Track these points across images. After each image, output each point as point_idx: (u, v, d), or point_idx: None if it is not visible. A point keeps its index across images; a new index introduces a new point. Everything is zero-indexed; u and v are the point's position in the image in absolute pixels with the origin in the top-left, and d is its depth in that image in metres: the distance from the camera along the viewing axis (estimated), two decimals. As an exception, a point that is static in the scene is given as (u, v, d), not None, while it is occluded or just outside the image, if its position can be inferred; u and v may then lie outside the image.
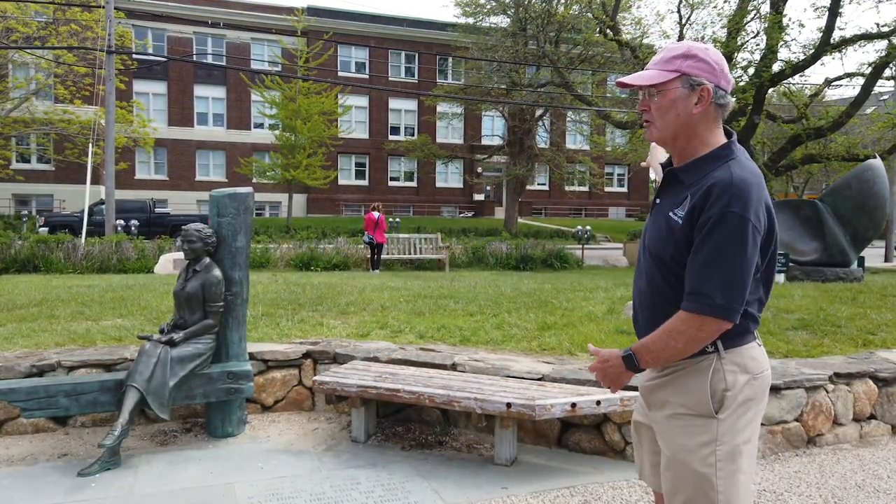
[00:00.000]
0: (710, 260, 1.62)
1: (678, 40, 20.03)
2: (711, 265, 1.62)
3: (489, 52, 26.52)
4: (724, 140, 1.76)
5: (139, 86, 33.40)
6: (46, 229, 20.43)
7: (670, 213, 1.73)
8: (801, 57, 16.18)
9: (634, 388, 3.78)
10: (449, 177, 39.77)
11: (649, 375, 1.85)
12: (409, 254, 15.71)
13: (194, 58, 33.64)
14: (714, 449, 1.69)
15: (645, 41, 23.32)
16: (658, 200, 1.83)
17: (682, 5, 20.01)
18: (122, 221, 18.75)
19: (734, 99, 1.78)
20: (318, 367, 4.72)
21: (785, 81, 17.20)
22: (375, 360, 4.57)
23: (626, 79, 1.78)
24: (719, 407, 1.70)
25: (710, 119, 1.75)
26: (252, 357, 4.51)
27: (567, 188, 39.37)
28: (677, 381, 1.76)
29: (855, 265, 11.81)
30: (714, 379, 1.71)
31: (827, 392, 4.16)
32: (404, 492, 3.35)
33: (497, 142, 35.72)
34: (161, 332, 4.04)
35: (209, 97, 35.54)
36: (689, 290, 1.66)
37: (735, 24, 16.55)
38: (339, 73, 36.08)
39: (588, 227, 19.70)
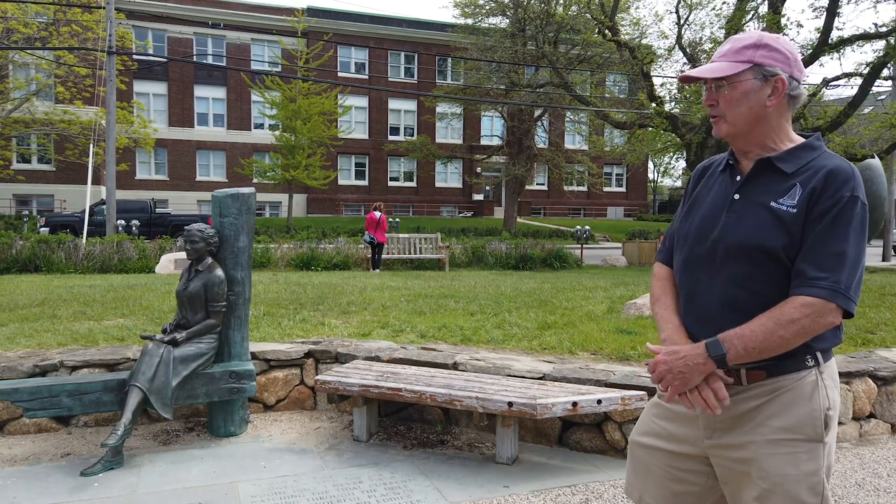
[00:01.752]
0: (837, 245, 1.49)
1: (676, 41, 20.09)
2: (838, 250, 1.49)
3: (488, 52, 26.56)
4: (797, 134, 1.67)
5: (140, 86, 33.43)
6: (47, 229, 20.43)
7: (773, 204, 1.57)
8: (800, 57, 16.19)
9: (637, 388, 3.81)
10: (448, 177, 39.80)
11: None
12: (409, 254, 15.73)
13: (195, 58, 33.64)
14: (822, 477, 1.53)
15: (643, 41, 23.35)
16: (737, 196, 1.65)
17: (680, 6, 20.04)
18: (122, 221, 18.77)
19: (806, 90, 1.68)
20: (320, 366, 4.74)
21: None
22: (377, 359, 4.59)
23: (693, 72, 1.66)
24: (825, 428, 1.55)
25: (784, 111, 1.63)
26: (254, 356, 4.53)
27: (566, 188, 39.39)
28: (777, 402, 1.56)
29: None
30: (820, 397, 1.55)
31: (826, 391, 4.17)
32: (406, 490, 3.37)
33: (496, 142, 35.80)
34: (164, 331, 4.06)
35: (209, 98, 35.56)
36: (809, 275, 1.49)
37: (733, 25, 16.58)
38: (339, 74, 36.12)
39: (587, 227, 19.72)
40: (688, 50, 20.59)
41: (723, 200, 1.68)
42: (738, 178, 1.68)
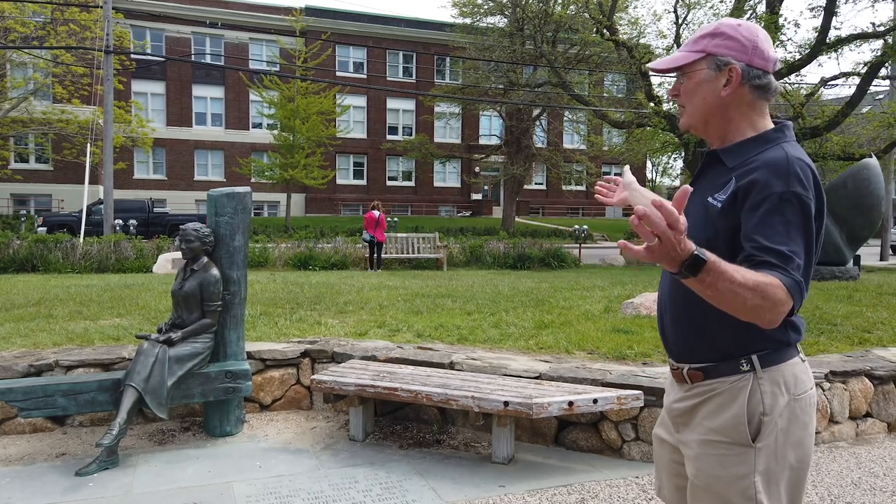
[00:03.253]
0: (790, 237, 1.41)
1: (675, 40, 20.09)
2: (792, 242, 1.41)
3: (486, 52, 26.57)
4: (772, 125, 1.61)
5: (137, 86, 33.38)
6: (45, 229, 20.40)
7: (710, 199, 1.55)
8: (797, 56, 16.23)
9: (633, 387, 3.80)
10: (447, 176, 39.80)
11: (678, 395, 1.67)
12: (407, 253, 15.73)
13: (193, 58, 33.60)
14: (753, 481, 1.51)
15: (641, 41, 23.35)
16: (692, 190, 1.59)
17: (678, 5, 20.05)
18: (120, 221, 18.74)
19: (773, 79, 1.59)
20: (317, 366, 4.73)
21: (781, 81, 17.22)
22: (373, 358, 4.58)
23: (653, 63, 1.67)
24: (756, 434, 1.51)
25: (744, 102, 1.57)
26: (250, 356, 4.52)
27: (564, 187, 39.42)
28: (710, 404, 1.57)
29: (851, 264, 11.86)
30: (751, 402, 1.52)
31: (823, 390, 4.18)
32: (402, 490, 3.36)
33: (494, 141, 35.80)
34: (159, 331, 4.05)
35: (207, 97, 35.52)
36: (778, 261, 1.39)
37: (732, 24, 16.54)
38: (338, 73, 36.09)
39: (585, 227, 19.73)
40: (686, 49, 20.53)
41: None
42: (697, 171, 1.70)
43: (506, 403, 3.52)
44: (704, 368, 1.59)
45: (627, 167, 2.00)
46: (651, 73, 1.65)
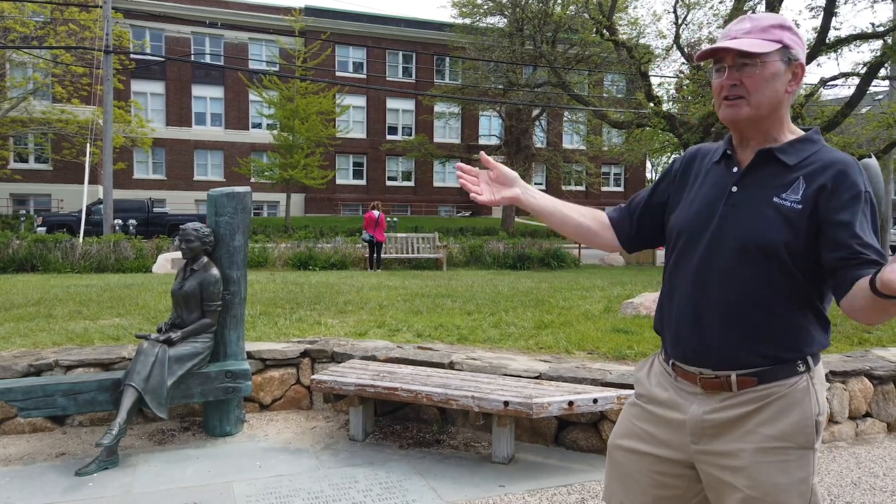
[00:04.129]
0: (872, 235, 1.41)
1: (674, 40, 20.10)
2: (875, 240, 1.41)
3: (486, 52, 26.57)
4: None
5: (137, 86, 33.36)
6: (44, 229, 20.40)
7: (776, 199, 1.49)
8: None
9: (633, 387, 3.80)
10: (446, 176, 39.78)
11: (713, 404, 1.55)
12: (407, 253, 15.73)
13: (192, 58, 33.60)
14: (810, 484, 1.49)
15: (641, 41, 23.37)
16: (735, 189, 1.55)
17: (678, 5, 20.05)
18: (120, 221, 18.75)
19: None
20: (316, 365, 4.73)
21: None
22: (373, 358, 4.58)
23: (728, 42, 1.49)
24: (815, 435, 1.49)
25: (791, 101, 1.55)
26: (250, 356, 4.52)
27: (564, 188, 39.35)
28: (768, 410, 1.50)
29: (851, 264, 11.85)
30: (812, 403, 1.50)
31: (822, 390, 4.17)
32: (402, 490, 3.36)
33: (494, 141, 35.77)
34: (159, 331, 4.04)
35: (207, 97, 35.50)
36: (874, 256, 1.39)
37: (732, 25, 16.56)
38: (337, 73, 36.07)
39: (585, 227, 19.70)
40: (686, 49, 20.61)
41: (720, 193, 1.57)
42: (736, 169, 1.58)
43: (506, 403, 3.52)
44: (758, 373, 1.51)
45: (482, 153, 1.86)
46: (705, 57, 1.52)
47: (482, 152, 1.92)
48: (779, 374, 1.50)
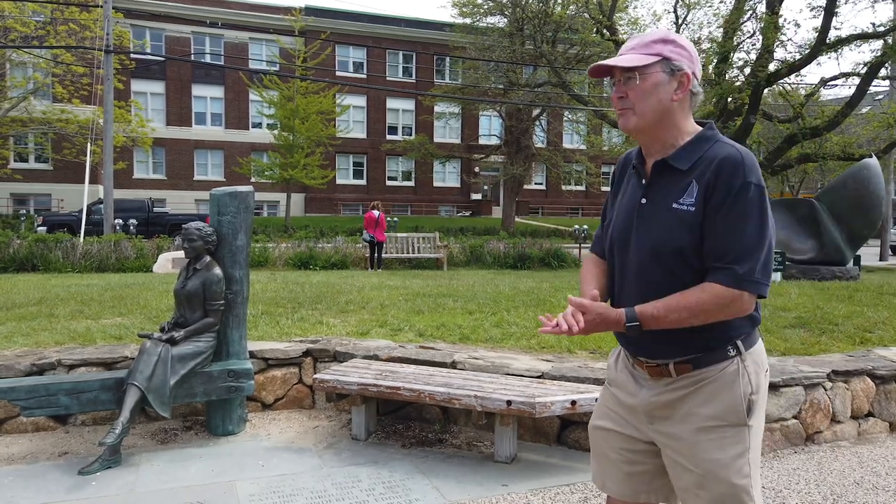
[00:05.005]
0: (739, 232, 1.55)
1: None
2: (742, 238, 1.55)
3: (486, 52, 26.54)
4: (699, 128, 1.71)
5: (137, 85, 33.35)
6: (45, 229, 20.38)
7: (675, 205, 1.63)
8: (797, 57, 16.23)
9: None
10: (446, 176, 39.79)
11: (657, 389, 1.72)
12: (408, 253, 15.73)
13: (192, 57, 33.59)
14: (748, 458, 1.63)
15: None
16: (644, 200, 1.70)
17: (678, 5, 20.06)
18: (120, 221, 18.72)
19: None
20: (319, 365, 4.74)
21: (781, 81, 17.25)
22: (375, 358, 4.58)
23: (606, 61, 1.67)
24: (748, 413, 1.64)
25: (685, 108, 1.69)
26: (252, 355, 4.52)
27: (564, 187, 39.40)
28: (702, 392, 1.65)
29: (851, 264, 11.86)
30: (742, 384, 1.64)
31: (825, 390, 4.18)
32: (405, 489, 3.36)
33: (494, 141, 35.78)
34: (162, 330, 4.05)
35: (207, 97, 35.49)
36: (721, 263, 1.57)
37: (731, 25, 16.59)
38: (337, 73, 36.06)
39: (585, 227, 19.69)
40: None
41: (633, 204, 1.74)
42: (643, 181, 1.74)
43: (509, 402, 3.52)
44: (693, 360, 1.66)
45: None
46: (596, 75, 1.75)
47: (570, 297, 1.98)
48: (710, 359, 1.66)
